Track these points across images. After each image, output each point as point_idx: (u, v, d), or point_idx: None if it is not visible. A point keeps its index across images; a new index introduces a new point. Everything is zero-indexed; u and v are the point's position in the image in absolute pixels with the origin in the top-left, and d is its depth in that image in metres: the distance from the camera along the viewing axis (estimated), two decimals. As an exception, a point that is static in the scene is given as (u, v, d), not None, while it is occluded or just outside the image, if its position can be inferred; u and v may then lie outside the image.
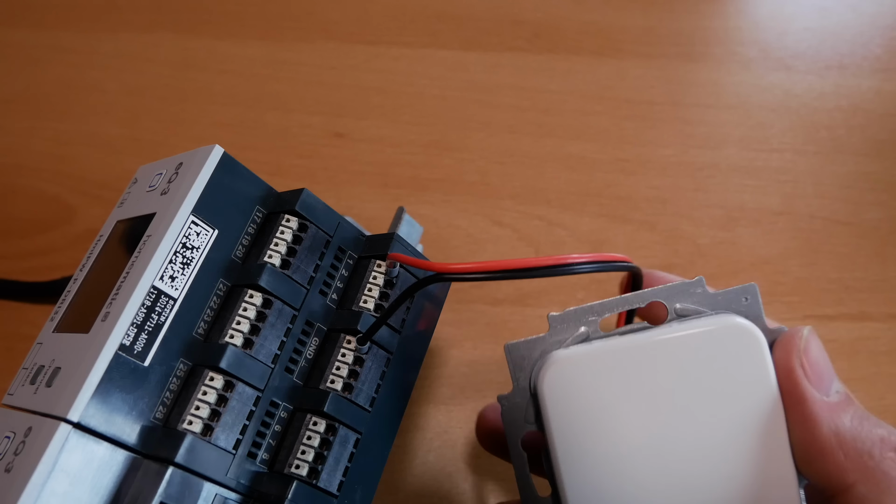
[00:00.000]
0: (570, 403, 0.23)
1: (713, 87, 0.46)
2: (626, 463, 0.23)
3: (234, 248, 0.25)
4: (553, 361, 0.23)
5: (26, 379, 0.23)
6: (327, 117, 0.45)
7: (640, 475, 0.23)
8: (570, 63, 0.47)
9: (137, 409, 0.22)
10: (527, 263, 0.23)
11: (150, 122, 0.45)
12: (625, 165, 0.43)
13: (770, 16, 0.49)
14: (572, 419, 0.23)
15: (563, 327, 0.24)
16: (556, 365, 0.23)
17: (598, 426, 0.23)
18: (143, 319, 0.22)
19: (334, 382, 0.24)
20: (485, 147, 0.44)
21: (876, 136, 0.44)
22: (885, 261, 0.41)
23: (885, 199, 0.42)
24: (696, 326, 0.22)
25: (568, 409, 0.23)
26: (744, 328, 0.22)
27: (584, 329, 0.24)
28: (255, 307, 0.24)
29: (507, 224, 0.41)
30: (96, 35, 0.49)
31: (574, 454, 0.23)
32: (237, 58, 0.48)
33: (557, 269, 0.23)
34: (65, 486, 0.20)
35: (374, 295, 0.26)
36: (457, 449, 0.35)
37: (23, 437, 0.21)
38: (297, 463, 0.23)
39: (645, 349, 0.22)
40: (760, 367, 0.22)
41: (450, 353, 0.38)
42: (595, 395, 0.23)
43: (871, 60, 0.47)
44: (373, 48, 0.48)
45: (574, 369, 0.23)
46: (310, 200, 0.26)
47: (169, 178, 0.25)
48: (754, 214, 0.42)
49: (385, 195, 0.42)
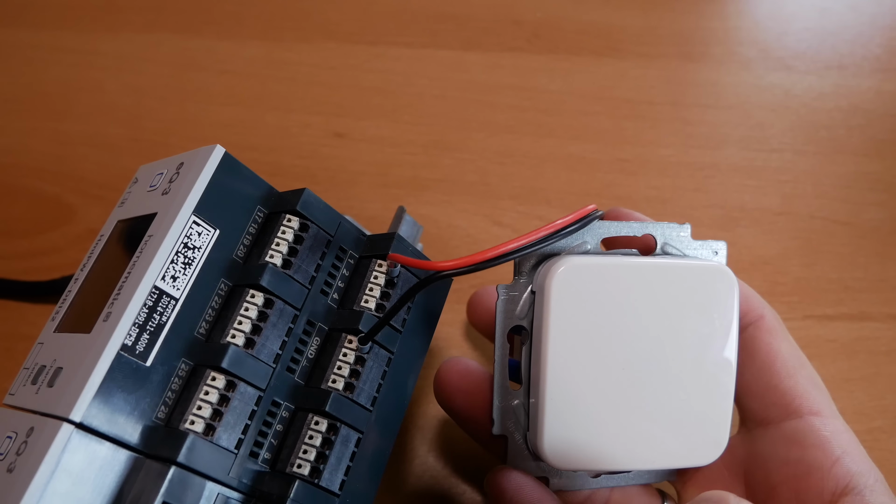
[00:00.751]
0: (572, 304, 0.24)
1: (713, 87, 0.46)
2: (604, 367, 0.25)
3: (235, 247, 0.25)
4: (566, 262, 0.24)
5: (27, 379, 0.23)
6: (327, 117, 0.45)
7: (612, 379, 0.25)
8: (570, 63, 0.47)
9: (139, 409, 0.22)
10: (519, 242, 0.24)
11: (150, 122, 0.45)
12: (625, 165, 0.43)
13: (770, 16, 0.49)
14: (571, 319, 0.24)
15: (572, 237, 0.26)
16: (568, 267, 0.24)
17: (590, 330, 0.25)
18: (144, 319, 0.22)
19: (336, 382, 0.24)
20: (485, 147, 0.44)
21: (876, 136, 0.45)
22: (885, 261, 0.41)
23: (885, 199, 0.42)
24: (690, 261, 0.26)
25: (569, 309, 0.24)
26: (727, 273, 0.26)
27: (588, 245, 0.26)
28: (257, 307, 0.24)
29: (507, 224, 0.41)
30: (96, 35, 0.49)
31: (563, 352, 0.25)
32: (237, 58, 0.48)
33: (551, 238, 0.24)
34: (67, 485, 0.20)
35: (376, 295, 0.26)
36: (457, 449, 0.35)
37: (25, 437, 0.20)
38: (298, 462, 0.23)
39: (644, 269, 0.25)
40: (730, 308, 0.26)
41: (450, 354, 0.38)
42: (595, 301, 0.25)
43: (871, 60, 0.47)
44: (373, 48, 0.48)
45: (583, 274, 0.25)
46: (311, 200, 0.26)
47: (170, 177, 0.25)
48: (754, 214, 0.42)
49: (385, 195, 0.42)
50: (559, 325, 0.24)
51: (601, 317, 0.25)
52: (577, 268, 0.25)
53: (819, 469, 0.25)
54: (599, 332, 0.25)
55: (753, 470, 0.27)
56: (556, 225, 0.25)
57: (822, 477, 0.24)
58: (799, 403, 0.26)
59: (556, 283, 0.24)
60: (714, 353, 0.26)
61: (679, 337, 0.25)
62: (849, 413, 0.27)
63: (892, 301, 0.39)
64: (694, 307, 0.25)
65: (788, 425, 0.26)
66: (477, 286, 0.39)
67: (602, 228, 0.26)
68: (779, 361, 0.27)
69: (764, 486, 0.26)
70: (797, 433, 0.26)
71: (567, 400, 0.25)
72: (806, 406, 0.26)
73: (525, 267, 0.26)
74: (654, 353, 0.25)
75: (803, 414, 0.26)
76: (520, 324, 0.26)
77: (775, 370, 0.27)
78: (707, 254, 0.27)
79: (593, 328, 0.25)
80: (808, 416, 0.26)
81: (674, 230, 0.27)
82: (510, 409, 0.26)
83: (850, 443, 0.25)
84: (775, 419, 0.26)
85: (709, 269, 0.26)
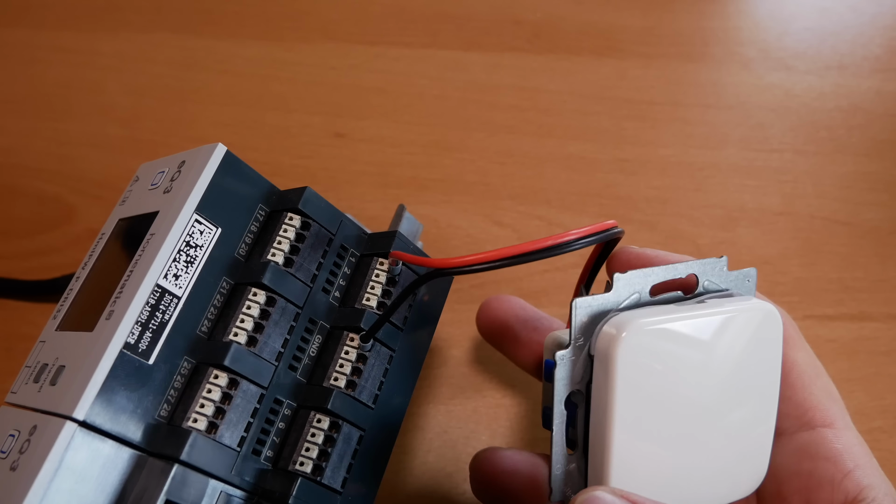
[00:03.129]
0: (637, 370, 0.23)
1: (713, 87, 0.46)
2: (664, 422, 0.24)
3: (237, 246, 0.25)
4: (632, 328, 0.23)
5: (30, 377, 0.23)
6: (327, 117, 0.45)
7: (671, 432, 0.24)
8: (570, 63, 0.47)
9: (142, 407, 0.22)
10: (525, 248, 0.23)
11: (150, 122, 0.45)
12: (625, 165, 0.43)
13: (770, 16, 0.50)
14: (635, 383, 0.23)
15: (621, 288, 0.25)
16: (634, 332, 0.23)
17: (653, 390, 0.24)
18: (147, 318, 0.22)
19: (338, 380, 0.24)
20: (485, 147, 0.44)
21: (876, 136, 0.45)
22: (885, 261, 0.41)
23: (885, 199, 0.42)
24: (740, 304, 0.25)
25: (633, 375, 0.23)
26: (774, 314, 0.25)
27: (636, 295, 0.25)
28: (259, 305, 0.24)
29: (507, 224, 0.41)
30: (96, 35, 0.49)
31: (627, 416, 0.23)
32: (237, 58, 0.48)
33: (555, 249, 0.23)
34: (70, 483, 0.20)
35: (377, 293, 0.26)
36: (457, 449, 0.35)
37: (27, 435, 0.20)
38: (301, 460, 0.23)
39: (702, 324, 0.24)
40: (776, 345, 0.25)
41: (450, 353, 0.38)
42: (659, 363, 0.23)
43: (871, 60, 0.47)
44: (373, 48, 0.48)
45: (648, 339, 0.23)
46: (313, 198, 0.26)
47: (171, 176, 0.25)
48: (754, 214, 0.42)
49: (385, 195, 0.42)
50: (624, 391, 0.23)
51: (664, 376, 0.24)
52: (642, 333, 0.23)
53: (830, 482, 0.25)
54: (661, 390, 0.24)
55: (766, 480, 0.27)
56: (568, 236, 0.24)
57: (833, 490, 0.24)
58: (812, 415, 0.26)
59: (623, 352, 0.23)
60: (760, 389, 0.25)
61: (730, 379, 0.25)
62: (849, 413, 0.27)
63: (892, 301, 0.39)
64: (744, 349, 0.25)
65: (801, 437, 0.26)
66: (477, 286, 0.39)
67: (652, 276, 0.25)
68: (794, 372, 0.27)
69: (776, 497, 0.26)
70: (809, 445, 0.26)
71: (629, 459, 0.24)
72: (819, 418, 0.26)
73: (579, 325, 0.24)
74: (707, 399, 0.25)
75: (816, 426, 0.26)
76: (577, 388, 0.24)
77: (790, 382, 0.26)
78: (742, 283, 0.26)
79: (656, 388, 0.24)
80: (820, 427, 0.26)
81: (713, 265, 0.26)
82: (568, 475, 0.25)
83: (862, 455, 0.25)
84: (788, 430, 0.26)
85: (758, 313, 0.25)
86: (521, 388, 0.37)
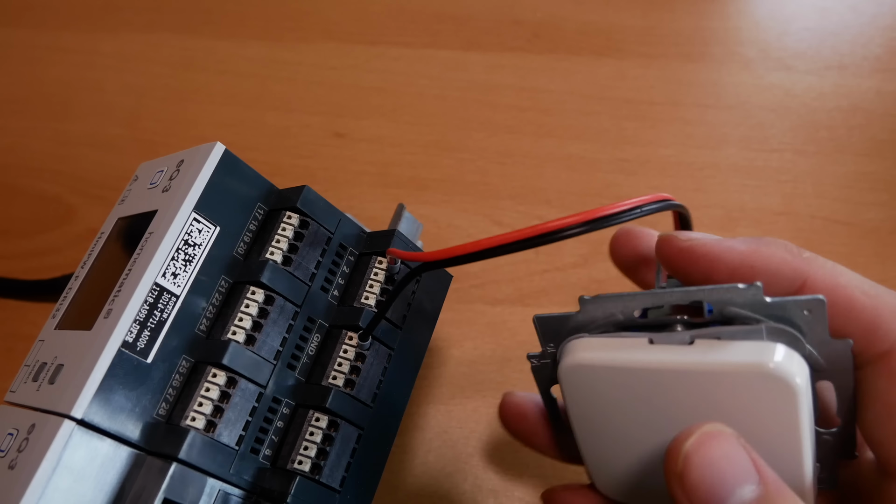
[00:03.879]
0: (585, 399, 0.23)
1: (713, 87, 0.46)
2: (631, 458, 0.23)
3: (235, 245, 0.25)
4: (574, 360, 0.22)
5: (28, 376, 0.23)
6: (327, 117, 0.45)
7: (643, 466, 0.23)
8: (570, 63, 0.47)
9: (140, 405, 0.22)
10: (519, 235, 0.22)
11: (150, 122, 0.45)
12: (625, 165, 0.43)
13: (770, 16, 0.50)
14: (586, 411, 0.23)
15: (591, 311, 0.22)
16: (576, 365, 0.22)
17: (608, 425, 0.23)
18: (145, 316, 0.22)
19: (336, 378, 0.24)
20: (485, 147, 0.44)
21: (876, 136, 0.44)
22: (885, 261, 0.41)
23: (885, 199, 0.42)
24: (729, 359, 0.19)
25: (582, 403, 0.23)
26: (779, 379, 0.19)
27: (620, 316, 0.22)
28: (258, 304, 0.24)
29: (507, 224, 0.41)
30: (96, 35, 0.49)
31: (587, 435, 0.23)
32: (237, 58, 0.48)
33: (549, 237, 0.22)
34: (69, 482, 0.20)
35: (376, 291, 0.26)
36: (457, 449, 0.35)
37: (26, 433, 0.20)
38: (299, 459, 0.23)
39: (666, 375, 0.20)
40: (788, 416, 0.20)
41: (450, 353, 0.37)
42: (608, 401, 0.22)
43: (871, 60, 0.47)
44: (373, 48, 0.48)
45: (593, 374, 0.22)
46: (311, 197, 0.26)
47: (170, 175, 0.25)
48: (754, 214, 0.42)
49: (385, 195, 0.42)
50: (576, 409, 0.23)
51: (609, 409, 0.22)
52: (588, 367, 0.22)
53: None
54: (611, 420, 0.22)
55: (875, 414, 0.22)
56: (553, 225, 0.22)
57: None
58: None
59: (566, 377, 0.22)
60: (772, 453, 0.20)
61: None
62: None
63: (893, 300, 0.39)
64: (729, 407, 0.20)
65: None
66: (477, 286, 0.39)
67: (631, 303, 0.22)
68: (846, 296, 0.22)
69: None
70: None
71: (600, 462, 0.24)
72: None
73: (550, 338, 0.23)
74: None
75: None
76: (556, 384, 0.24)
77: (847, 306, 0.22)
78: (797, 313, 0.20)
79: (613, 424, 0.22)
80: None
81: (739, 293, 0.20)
82: None
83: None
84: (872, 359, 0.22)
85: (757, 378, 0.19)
86: (521, 388, 0.37)
